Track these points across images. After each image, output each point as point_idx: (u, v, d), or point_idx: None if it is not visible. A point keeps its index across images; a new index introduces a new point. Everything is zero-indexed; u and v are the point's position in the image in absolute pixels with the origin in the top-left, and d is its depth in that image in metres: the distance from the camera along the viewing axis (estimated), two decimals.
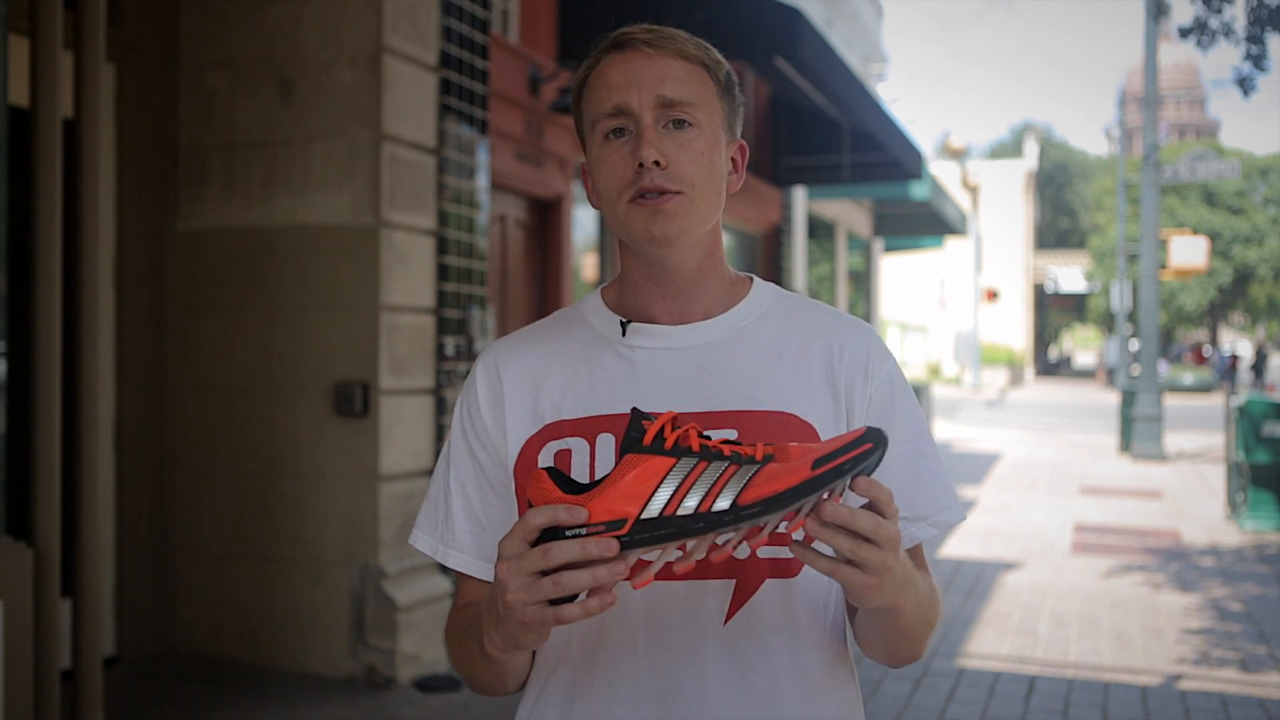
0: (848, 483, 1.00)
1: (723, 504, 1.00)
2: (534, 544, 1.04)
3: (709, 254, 1.29)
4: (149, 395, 5.06)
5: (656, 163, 1.19)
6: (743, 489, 1.00)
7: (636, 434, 1.04)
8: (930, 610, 1.24)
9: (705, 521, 1.00)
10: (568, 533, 1.03)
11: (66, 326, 3.67)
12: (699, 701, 1.19)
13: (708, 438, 1.05)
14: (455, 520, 1.30)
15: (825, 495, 1.01)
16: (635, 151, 1.20)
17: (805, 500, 0.99)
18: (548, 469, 1.07)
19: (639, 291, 1.29)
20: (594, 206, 1.29)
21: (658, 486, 1.01)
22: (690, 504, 1.01)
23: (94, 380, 3.78)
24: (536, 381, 1.29)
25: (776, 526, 1.02)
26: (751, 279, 1.35)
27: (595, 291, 1.36)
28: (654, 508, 1.01)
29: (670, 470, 1.02)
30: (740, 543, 1.03)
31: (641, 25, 1.25)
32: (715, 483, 1.01)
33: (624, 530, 1.01)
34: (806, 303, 1.35)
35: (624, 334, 1.28)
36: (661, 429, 1.04)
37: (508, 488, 1.28)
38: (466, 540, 1.30)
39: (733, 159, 1.30)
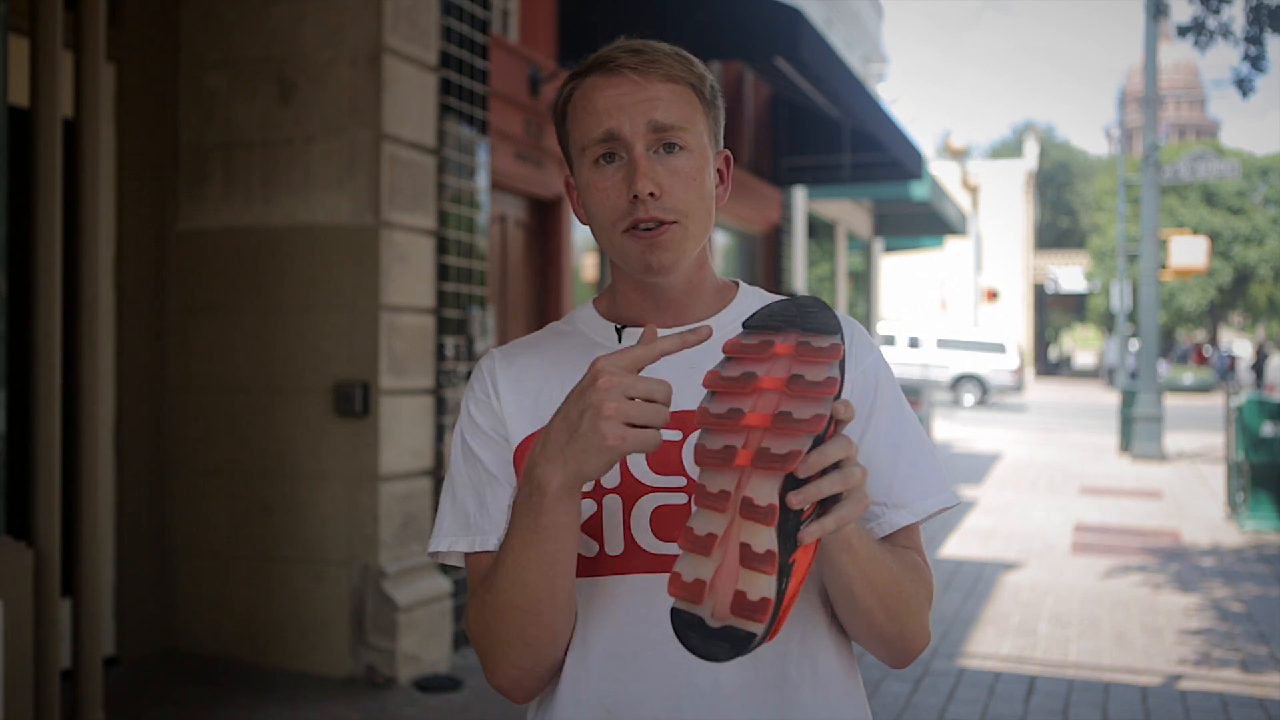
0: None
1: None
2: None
3: (699, 267, 1.32)
4: (149, 395, 5.06)
5: (651, 194, 1.21)
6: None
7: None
8: (908, 579, 1.23)
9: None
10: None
11: (66, 326, 3.66)
12: (713, 692, 1.20)
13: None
14: (490, 504, 1.28)
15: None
16: (629, 181, 1.22)
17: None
18: None
19: (631, 303, 1.32)
20: (582, 223, 1.31)
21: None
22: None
23: (94, 380, 3.78)
24: (535, 385, 1.31)
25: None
26: (737, 284, 1.38)
27: (587, 303, 1.38)
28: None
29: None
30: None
31: (626, 45, 1.25)
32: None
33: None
34: None
35: (619, 340, 1.31)
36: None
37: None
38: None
39: (719, 170, 1.32)
